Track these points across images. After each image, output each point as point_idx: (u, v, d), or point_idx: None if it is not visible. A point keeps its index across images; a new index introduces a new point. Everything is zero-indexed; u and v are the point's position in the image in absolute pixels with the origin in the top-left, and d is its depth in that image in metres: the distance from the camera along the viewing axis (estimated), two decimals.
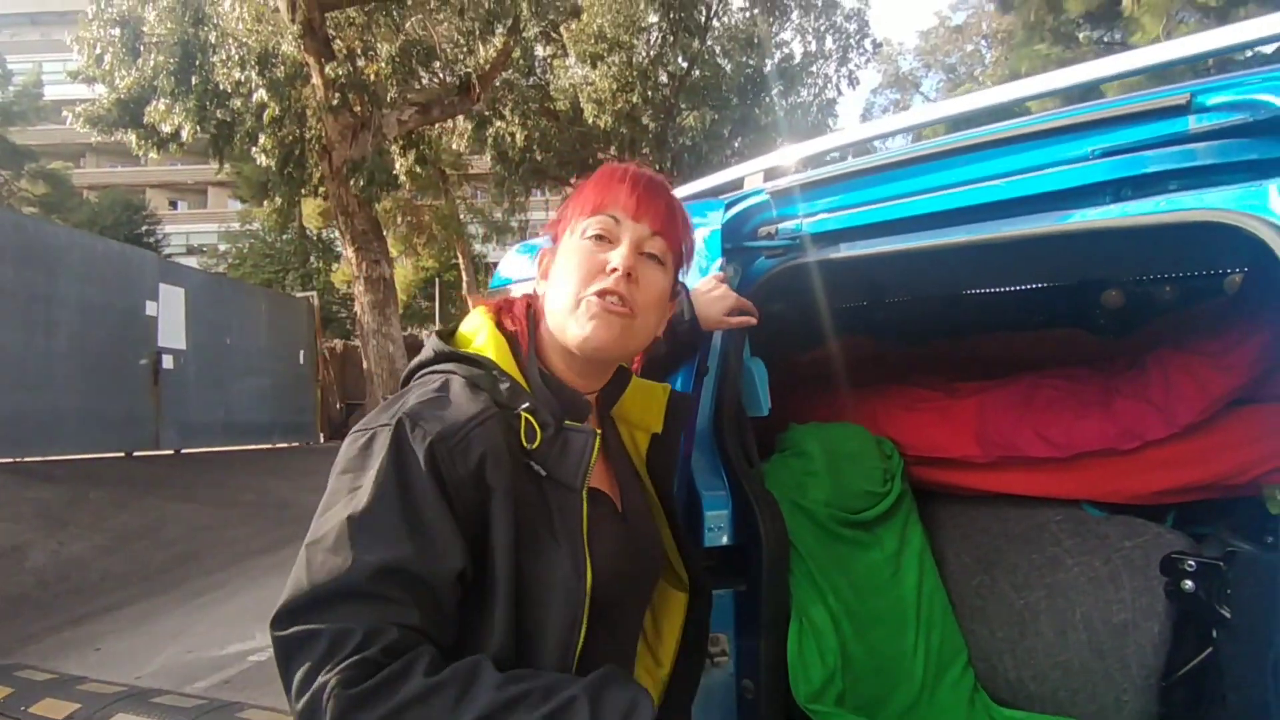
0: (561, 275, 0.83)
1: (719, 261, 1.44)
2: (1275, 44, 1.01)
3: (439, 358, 0.82)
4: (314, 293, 14.20)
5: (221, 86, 9.78)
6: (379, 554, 0.67)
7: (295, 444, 11.09)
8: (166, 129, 10.18)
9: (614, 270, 0.80)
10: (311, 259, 23.67)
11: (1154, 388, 1.51)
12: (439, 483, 0.70)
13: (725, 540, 1.45)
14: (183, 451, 8.85)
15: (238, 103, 10.18)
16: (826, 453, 1.71)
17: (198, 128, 10.22)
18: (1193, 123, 0.95)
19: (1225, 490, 1.50)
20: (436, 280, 25.27)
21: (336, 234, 16.01)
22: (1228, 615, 1.34)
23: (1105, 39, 13.48)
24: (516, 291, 2.01)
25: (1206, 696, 1.46)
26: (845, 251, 1.38)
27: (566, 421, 0.79)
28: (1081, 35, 13.73)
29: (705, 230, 1.49)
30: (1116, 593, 1.54)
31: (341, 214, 9.86)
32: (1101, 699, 1.52)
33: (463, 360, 0.81)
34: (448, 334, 0.88)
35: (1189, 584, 1.39)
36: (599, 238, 0.82)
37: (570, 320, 0.80)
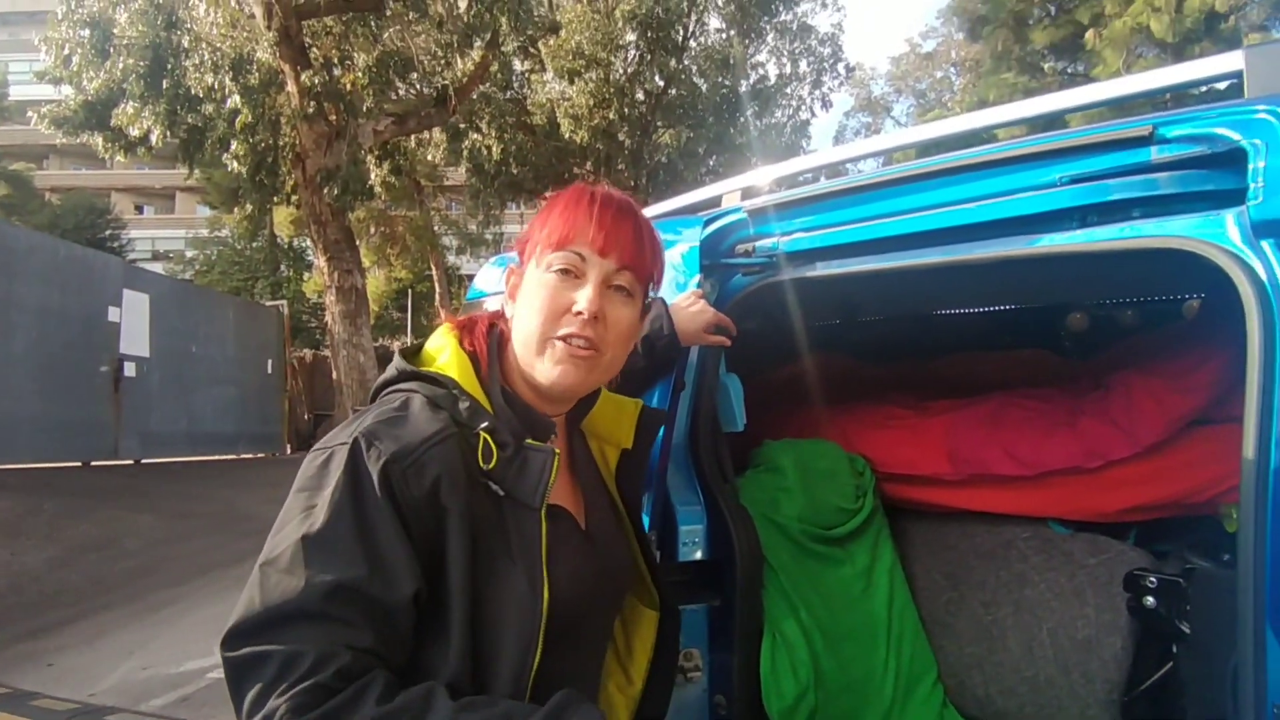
0: (527, 309, 0.81)
1: (697, 278, 1.46)
2: (1226, 81, 1.06)
3: (402, 376, 0.82)
4: (284, 301, 14.01)
5: (193, 91, 9.65)
6: (333, 575, 0.66)
7: (261, 455, 10.88)
8: (135, 132, 10.00)
9: (579, 314, 0.78)
10: (282, 267, 23.35)
11: (1117, 408, 1.56)
12: (394, 504, 0.70)
13: (700, 555, 1.45)
14: (143, 461, 8.64)
15: (210, 108, 10.05)
16: (800, 469, 1.73)
17: (167, 132, 10.07)
18: (1155, 153, 0.98)
19: (1184, 509, 1.54)
20: (409, 291, 25.07)
21: (308, 243, 15.84)
22: (1187, 631, 1.37)
23: (1069, 70, 13.94)
24: (492, 305, 2.01)
25: (1166, 710, 1.49)
26: (821, 270, 1.40)
27: (528, 441, 0.78)
28: (1046, 66, 14.18)
29: (684, 246, 1.51)
30: (1081, 609, 1.57)
31: (314, 223, 9.75)
32: (1067, 713, 1.55)
33: (424, 379, 0.80)
34: (412, 352, 0.87)
35: (1150, 600, 1.42)
36: (564, 272, 0.80)
37: (537, 362, 0.80)
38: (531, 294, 0.81)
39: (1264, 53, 0.98)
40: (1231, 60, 0.99)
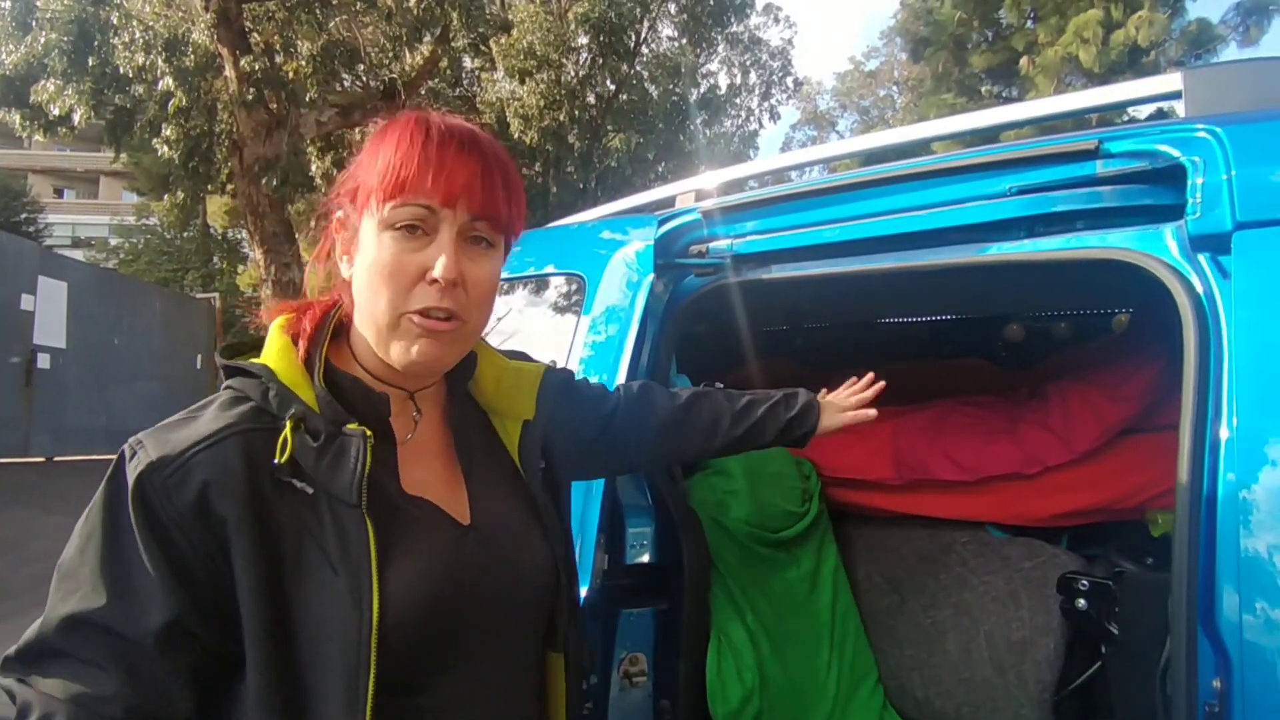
0: (369, 278, 0.67)
1: (651, 277, 1.44)
2: (1166, 100, 1.11)
3: (226, 373, 0.71)
4: (216, 294, 13.44)
5: (122, 70, 9.17)
6: (69, 607, 0.60)
7: None
8: (56, 111, 9.44)
9: (435, 282, 0.66)
10: (215, 259, 22.42)
11: (1055, 416, 1.61)
12: (150, 520, 0.61)
13: (647, 558, 1.43)
14: (56, 459, 8.14)
15: (140, 89, 9.58)
16: (748, 472, 1.73)
17: (92, 112, 9.54)
18: (1100, 167, 1.02)
19: (1115, 514, 1.60)
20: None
21: (244, 234, 15.24)
22: (1115, 632, 1.42)
23: (1005, 94, 14.54)
24: None
25: (1095, 709, 1.55)
26: (773, 273, 1.40)
27: (346, 427, 0.66)
28: (984, 89, 14.75)
29: (638, 245, 1.49)
30: (1017, 611, 1.62)
31: (251, 214, 9.39)
32: (1001, 713, 1.59)
33: (239, 372, 0.69)
34: (245, 347, 0.74)
35: (1082, 602, 1.46)
36: (410, 229, 0.67)
37: (391, 340, 0.68)
38: (374, 258, 0.67)
39: (1201, 75, 1.02)
40: (1171, 81, 1.03)
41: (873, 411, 1.19)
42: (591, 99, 14.71)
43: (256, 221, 9.37)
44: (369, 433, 0.65)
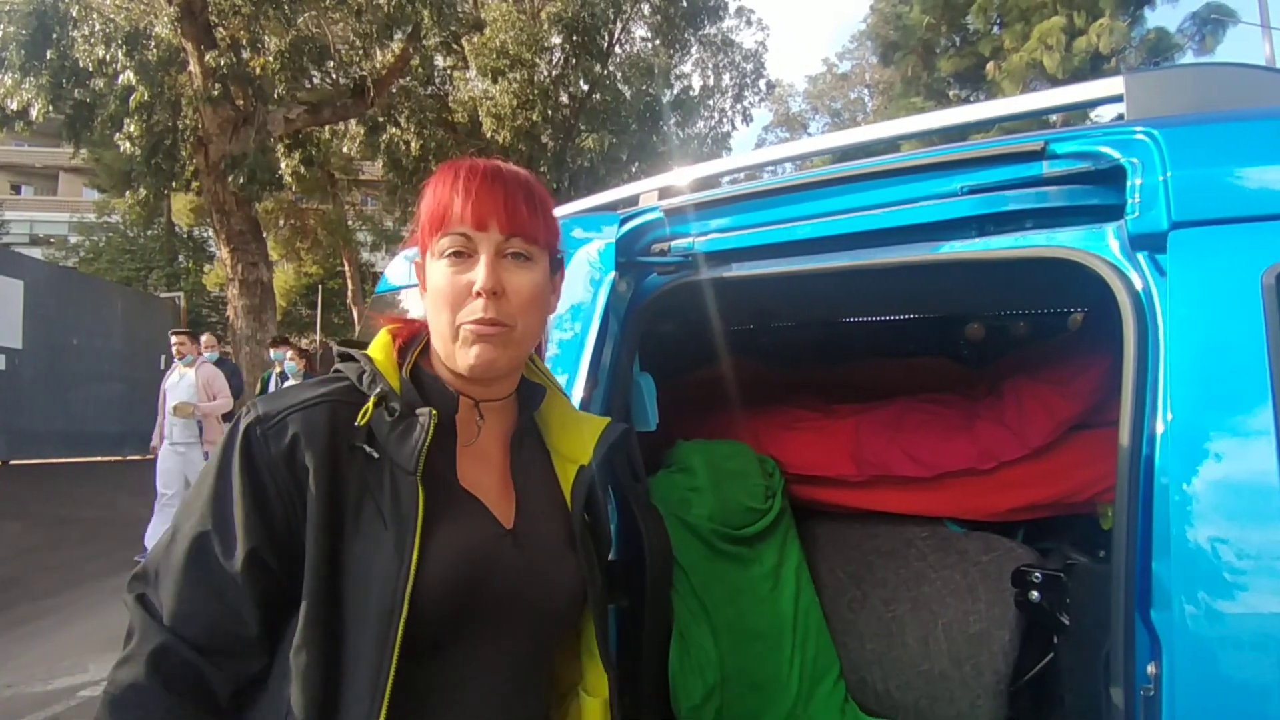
0: (434, 302, 0.82)
1: (612, 274, 1.44)
2: (1109, 104, 1.14)
3: (338, 357, 0.86)
4: (180, 294, 13.17)
5: (81, 64, 8.97)
6: (185, 531, 0.74)
7: (150, 457, 10.16)
8: (13, 105, 9.21)
9: (478, 294, 0.78)
10: (180, 258, 21.96)
11: (1009, 413, 1.64)
12: (248, 463, 0.74)
13: (611, 555, 1.43)
14: (11, 462, 7.93)
15: (100, 83, 9.36)
16: (711, 469, 1.74)
17: (50, 107, 9.31)
18: (1046, 168, 1.04)
19: (1067, 508, 1.64)
20: (319, 287, 24.05)
21: (210, 232, 14.97)
22: (1066, 622, 1.45)
23: (972, 98, 14.81)
24: (402, 297, 1.93)
25: (1047, 698, 1.58)
26: (734, 271, 1.41)
27: (418, 409, 0.78)
28: (951, 93, 15.01)
29: (600, 243, 1.49)
30: (973, 604, 1.65)
31: (217, 212, 9.23)
32: (958, 704, 1.62)
33: (346, 358, 0.83)
34: (355, 343, 0.88)
35: (1035, 594, 1.50)
36: (457, 255, 0.80)
37: (454, 350, 0.81)
38: (434, 284, 0.81)
39: (1142, 79, 1.05)
40: (1113, 85, 1.06)
41: None
42: (565, 99, 14.69)
43: (223, 220, 9.22)
44: (435, 413, 0.77)
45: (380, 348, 0.83)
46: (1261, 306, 0.80)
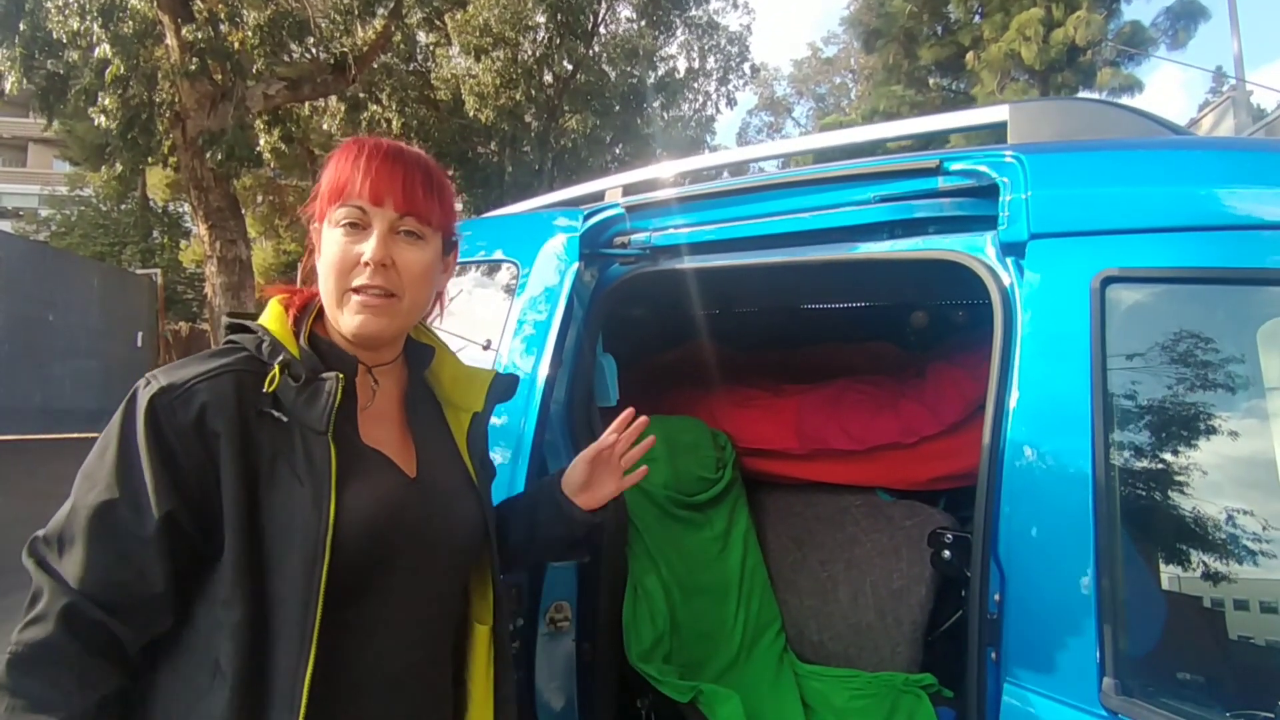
0: (324, 267, 0.86)
1: (577, 264, 1.60)
2: (993, 129, 1.31)
3: (229, 329, 0.89)
4: (157, 270, 13.05)
5: (55, 35, 8.83)
6: (89, 499, 0.76)
7: None
8: None
9: (366, 264, 0.83)
10: (155, 233, 21.62)
11: (929, 392, 1.83)
12: (155, 433, 0.76)
13: None
14: None
15: (74, 55, 9.22)
16: (667, 442, 1.92)
17: (24, 78, 9.17)
18: (941, 182, 1.21)
19: None
20: (299, 265, 23.81)
21: (186, 208, 14.81)
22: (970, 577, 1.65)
23: (952, 87, 14.97)
24: None
25: (959, 648, 1.79)
26: (686, 264, 1.58)
27: (323, 373, 0.82)
28: (932, 82, 15.15)
29: (566, 236, 1.65)
30: (897, 563, 1.85)
31: (194, 188, 9.16)
32: (881, 652, 1.82)
33: (240, 330, 0.87)
34: (245, 315, 0.91)
35: (947, 553, 1.69)
36: (352, 226, 0.84)
37: (339, 314, 0.85)
38: (326, 251, 0.85)
39: (1023, 109, 1.22)
40: (998, 112, 1.24)
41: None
42: (549, 79, 14.62)
43: (200, 196, 9.15)
44: (340, 376, 0.82)
45: (275, 318, 0.87)
46: (1089, 304, 0.99)
